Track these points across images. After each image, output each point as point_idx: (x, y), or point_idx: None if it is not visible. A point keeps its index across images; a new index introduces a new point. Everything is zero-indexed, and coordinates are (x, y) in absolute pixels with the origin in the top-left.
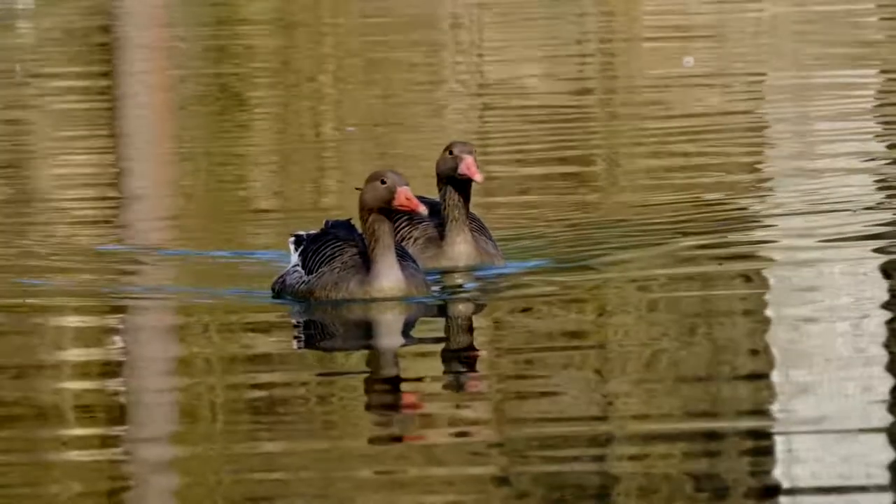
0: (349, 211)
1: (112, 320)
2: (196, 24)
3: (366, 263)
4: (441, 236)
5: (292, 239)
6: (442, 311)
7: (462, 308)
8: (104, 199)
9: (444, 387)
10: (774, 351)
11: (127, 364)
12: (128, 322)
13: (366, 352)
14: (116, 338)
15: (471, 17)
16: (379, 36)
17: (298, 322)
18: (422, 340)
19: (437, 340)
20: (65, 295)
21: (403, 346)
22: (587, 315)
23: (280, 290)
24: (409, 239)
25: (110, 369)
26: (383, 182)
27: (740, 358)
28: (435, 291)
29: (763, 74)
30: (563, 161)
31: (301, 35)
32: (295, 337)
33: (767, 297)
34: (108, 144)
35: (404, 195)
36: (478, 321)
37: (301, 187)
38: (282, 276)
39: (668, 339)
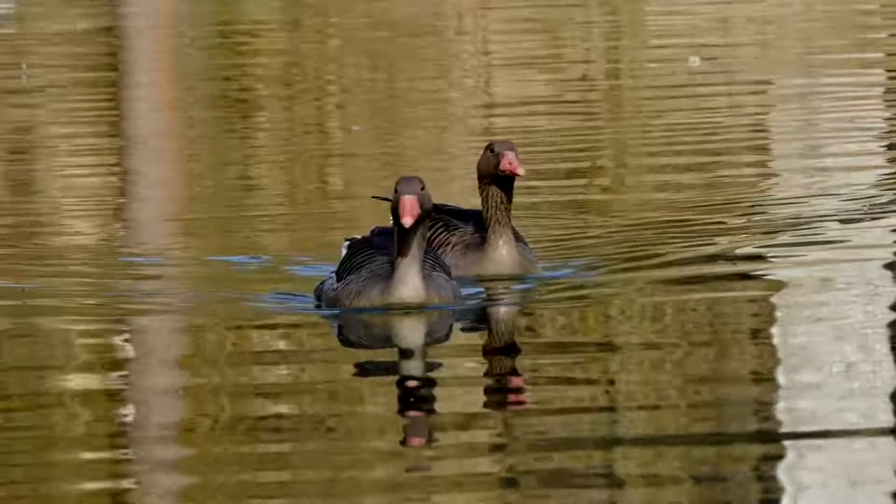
0: (352, 210)
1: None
2: (201, 24)
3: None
4: (481, 240)
5: (346, 243)
6: (462, 320)
7: (483, 319)
8: (107, 201)
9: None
10: (782, 365)
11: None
12: (136, 336)
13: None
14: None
15: (475, 17)
16: (384, 34)
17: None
18: (438, 355)
19: (453, 356)
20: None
21: (419, 360)
22: (612, 325)
23: (318, 296)
24: (446, 245)
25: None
26: (396, 191)
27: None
28: (475, 299)
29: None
30: (570, 166)
31: (307, 35)
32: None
33: (777, 312)
34: (113, 147)
35: (402, 203)
36: (497, 332)
37: (306, 187)
38: (322, 282)
39: (677, 353)
